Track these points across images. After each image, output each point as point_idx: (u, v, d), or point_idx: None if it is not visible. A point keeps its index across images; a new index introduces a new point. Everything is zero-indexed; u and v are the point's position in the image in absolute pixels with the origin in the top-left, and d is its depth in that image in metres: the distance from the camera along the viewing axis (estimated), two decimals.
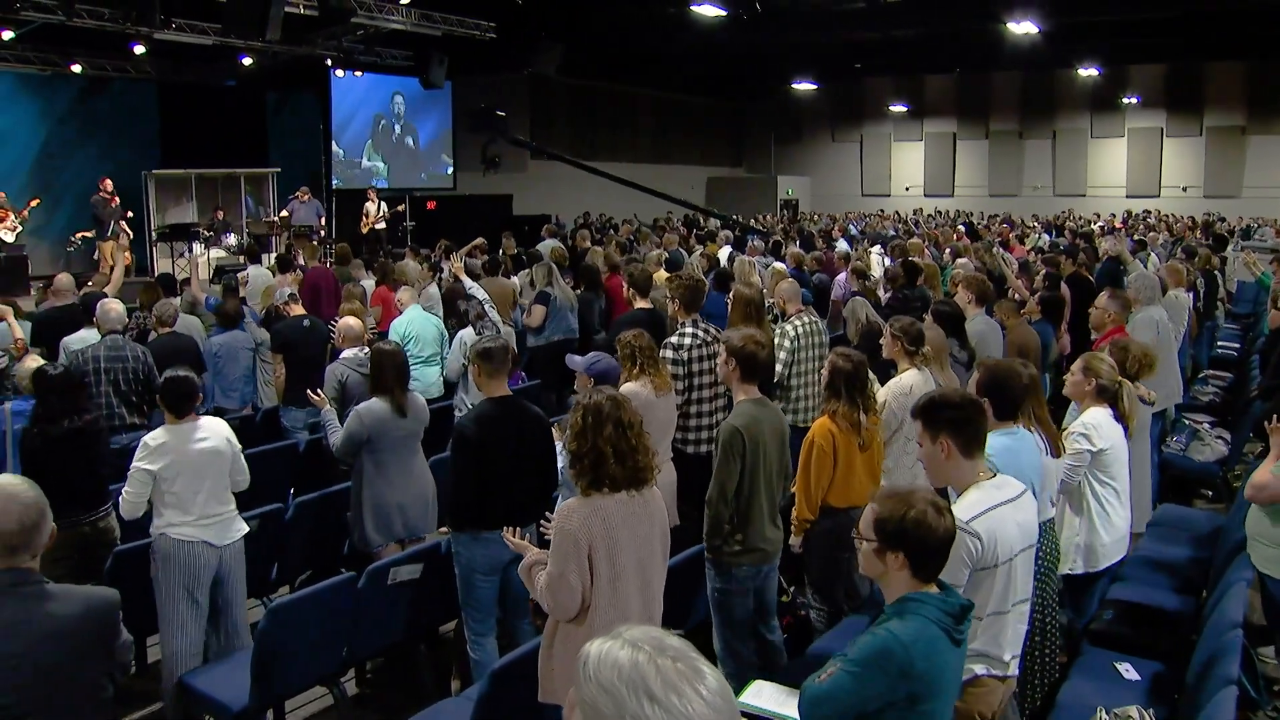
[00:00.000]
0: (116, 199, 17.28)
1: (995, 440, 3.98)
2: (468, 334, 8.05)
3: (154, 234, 18.50)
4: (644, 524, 3.80)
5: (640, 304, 8.14)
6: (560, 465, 5.31)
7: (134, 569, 5.29)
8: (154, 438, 5.12)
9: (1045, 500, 4.51)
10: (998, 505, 3.52)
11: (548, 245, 13.77)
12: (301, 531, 6.34)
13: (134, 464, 5.07)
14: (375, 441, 5.78)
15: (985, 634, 3.48)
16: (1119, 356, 5.94)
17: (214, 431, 5.29)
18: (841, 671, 2.90)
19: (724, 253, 14.72)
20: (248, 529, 5.44)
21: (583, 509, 3.71)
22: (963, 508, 3.49)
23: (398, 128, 24.07)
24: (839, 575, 5.30)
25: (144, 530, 5.32)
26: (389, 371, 5.86)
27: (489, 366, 5.18)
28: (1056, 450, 4.78)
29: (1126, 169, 33.70)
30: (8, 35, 17.03)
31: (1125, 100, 32.90)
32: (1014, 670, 3.68)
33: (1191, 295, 11.00)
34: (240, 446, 5.47)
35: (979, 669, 3.51)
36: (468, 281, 9.68)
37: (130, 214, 17.65)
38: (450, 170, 25.07)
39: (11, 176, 18.88)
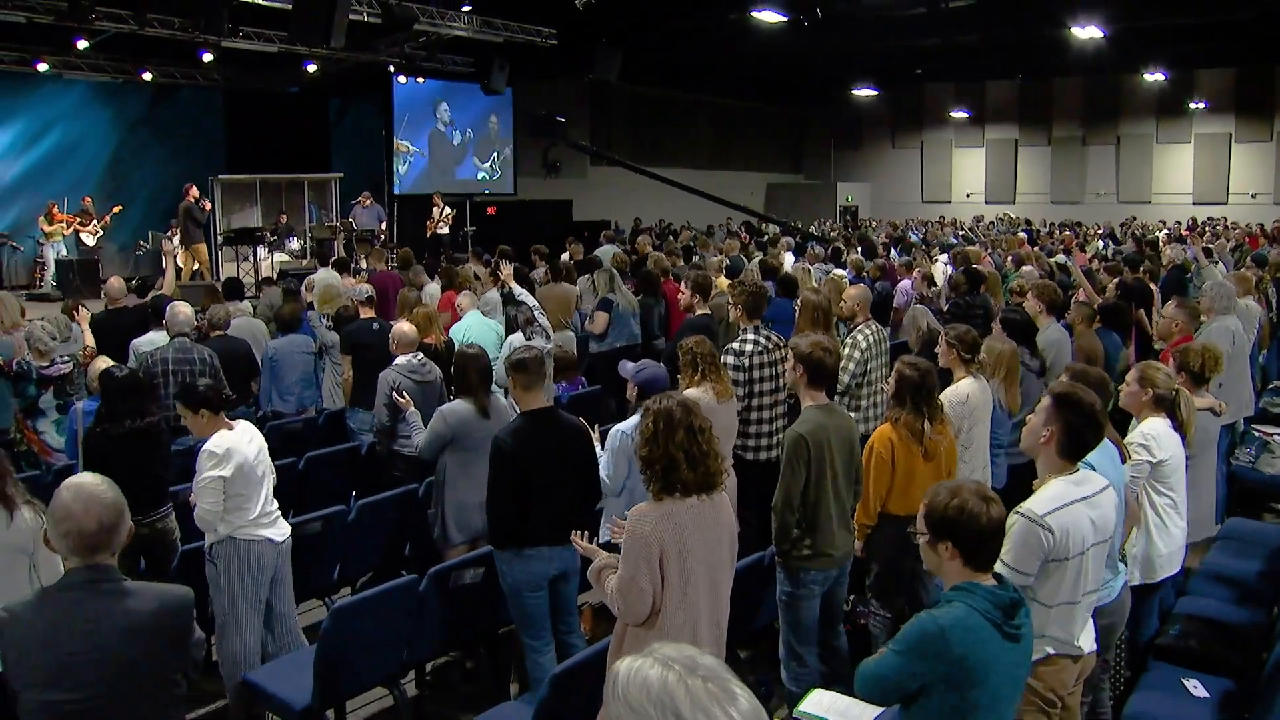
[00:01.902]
0: (208, 203, 17.66)
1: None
2: (517, 339, 8.07)
3: (219, 238, 18.80)
4: (714, 529, 3.82)
5: (702, 310, 8.13)
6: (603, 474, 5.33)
7: (200, 568, 5.37)
8: (217, 445, 5.09)
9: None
10: (1074, 501, 3.63)
11: (606, 251, 13.79)
12: (364, 533, 6.39)
13: (205, 475, 5.02)
14: (458, 442, 5.85)
15: (1056, 621, 3.63)
16: (1188, 360, 5.85)
17: (254, 432, 5.36)
18: (889, 652, 3.09)
19: (787, 259, 14.67)
20: (289, 528, 5.49)
21: (655, 513, 3.72)
22: (1041, 501, 3.62)
23: (455, 135, 24.18)
24: (901, 583, 5.27)
25: (201, 532, 5.33)
26: (472, 374, 5.91)
27: (524, 378, 5.12)
28: (1123, 457, 4.72)
29: (1193, 175, 33.07)
30: (82, 44, 17.42)
31: (1192, 105, 32.30)
32: (1088, 648, 3.80)
33: (1263, 304, 10.77)
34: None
35: (1050, 649, 3.65)
36: (516, 288, 9.73)
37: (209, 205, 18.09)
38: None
39: (84, 181, 19.37)
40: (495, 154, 24.54)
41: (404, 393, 6.70)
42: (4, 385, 7.71)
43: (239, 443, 5.15)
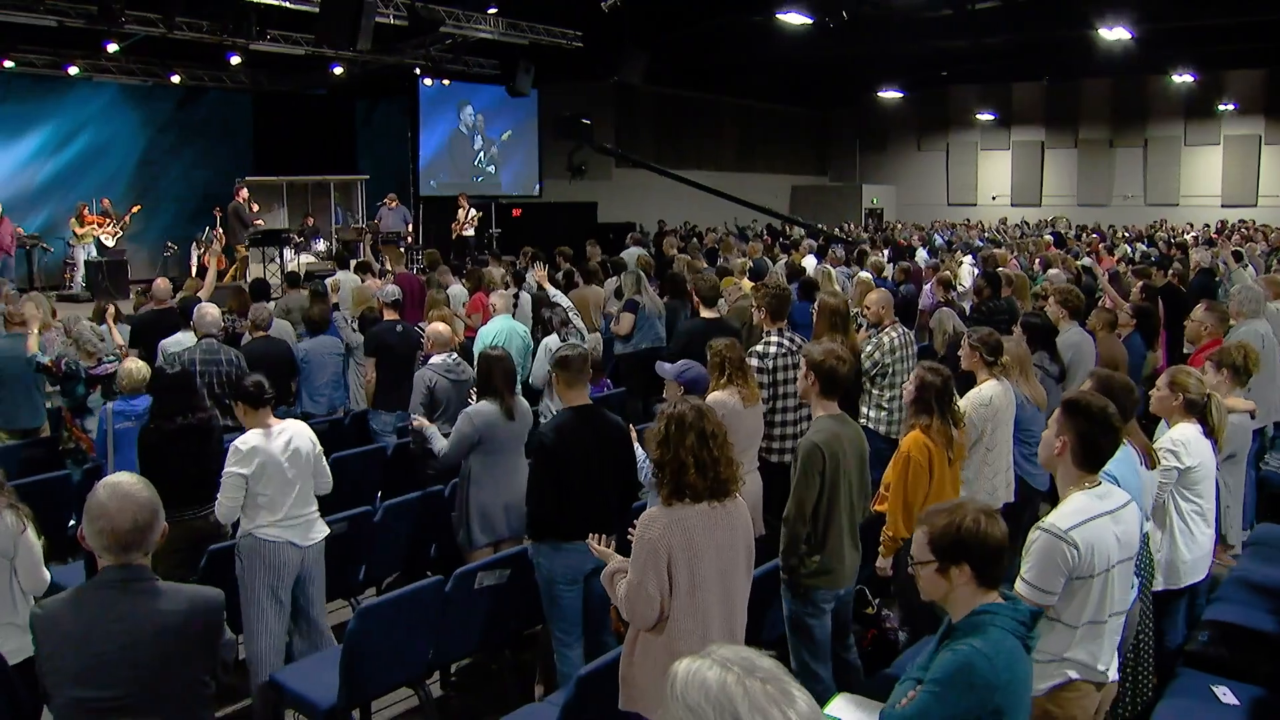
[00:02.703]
0: (256, 205, 17.81)
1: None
2: (552, 341, 8.09)
3: (246, 240, 18.89)
4: (726, 535, 3.77)
5: (706, 313, 8.10)
6: (646, 473, 5.32)
7: (227, 567, 5.41)
8: (244, 442, 5.20)
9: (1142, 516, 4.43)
10: (1098, 515, 3.50)
11: (632, 253, 13.79)
12: (389, 534, 6.42)
13: (227, 469, 5.16)
14: (484, 444, 5.86)
15: (1081, 643, 3.49)
16: (1230, 357, 5.80)
17: (298, 434, 5.39)
18: (924, 694, 2.87)
19: (809, 261, 14.63)
20: (329, 530, 5.54)
21: (664, 518, 3.70)
22: (1063, 515, 3.50)
23: (477, 138, 24.20)
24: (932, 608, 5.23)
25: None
26: (498, 376, 5.93)
27: (567, 375, 5.18)
28: (1150, 462, 4.67)
29: (1222, 178, 32.80)
30: (113, 48, 17.62)
31: (1221, 107, 32.06)
32: (1113, 676, 3.67)
33: None
34: (322, 450, 5.57)
35: (1073, 673, 3.51)
36: (551, 290, 9.72)
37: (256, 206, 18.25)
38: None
39: (113, 183, 19.58)
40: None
41: (438, 391, 6.77)
42: (36, 386, 7.78)
43: (266, 443, 5.21)
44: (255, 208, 18.01)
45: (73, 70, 18.55)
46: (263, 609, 5.23)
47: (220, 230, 17.50)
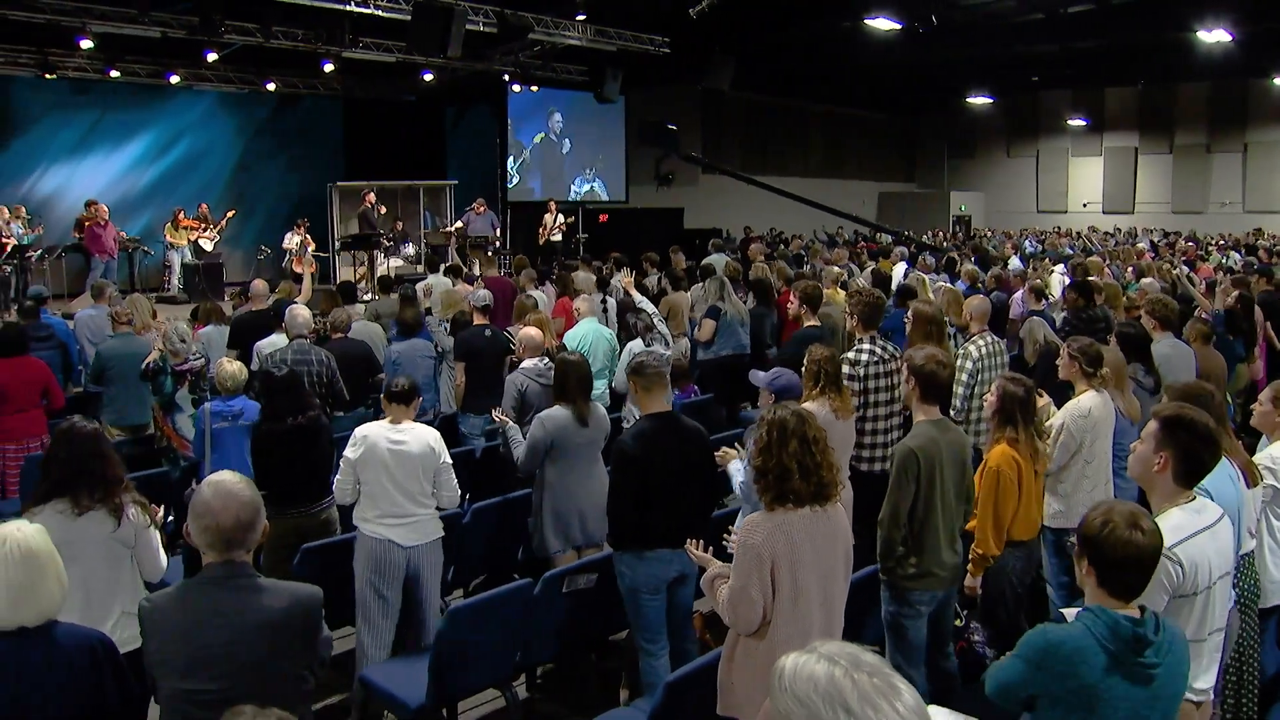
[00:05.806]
0: (384, 208, 18.44)
1: None
2: (637, 345, 8.10)
3: (337, 243, 19.25)
4: (827, 540, 3.79)
5: (810, 321, 8.07)
6: (740, 480, 5.31)
7: (321, 565, 5.51)
8: (361, 429, 5.50)
9: (1244, 532, 4.31)
10: (1199, 531, 3.45)
11: (718, 259, 13.79)
12: (478, 536, 6.48)
13: (343, 453, 5.50)
14: (557, 449, 5.85)
15: None
16: None
17: (416, 437, 5.50)
18: (1012, 656, 3.08)
19: (899, 269, 14.50)
20: (441, 534, 5.62)
21: (767, 524, 3.71)
22: (1165, 531, 3.38)
23: (567, 142, 24.30)
24: (1012, 607, 5.17)
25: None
26: (572, 381, 5.93)
27: (643, 381, 5.17)
28: (1251, 480, 4.53)
29: None
30: (212, 57, 18.13)
31: None
32: (1209, 697, 3.61)
33: None
34: (449, 462, 5.65)
35: None
36: (637, 295, 9.73)
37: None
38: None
39: (210, 188, 20.11)
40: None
41: (528, 395, 6.82)
42: (143, 383, 8.00)
43: (378, 434, 5.43)
44: (384, 210, 18.53)
45: (174, 79, 19.10)
46: (364, 602, 5.38)
47: (307, 237, 17.95)
